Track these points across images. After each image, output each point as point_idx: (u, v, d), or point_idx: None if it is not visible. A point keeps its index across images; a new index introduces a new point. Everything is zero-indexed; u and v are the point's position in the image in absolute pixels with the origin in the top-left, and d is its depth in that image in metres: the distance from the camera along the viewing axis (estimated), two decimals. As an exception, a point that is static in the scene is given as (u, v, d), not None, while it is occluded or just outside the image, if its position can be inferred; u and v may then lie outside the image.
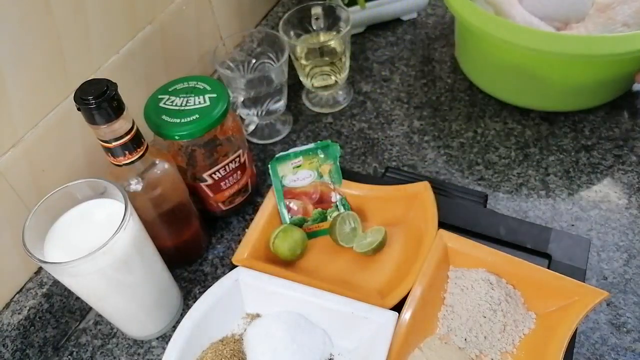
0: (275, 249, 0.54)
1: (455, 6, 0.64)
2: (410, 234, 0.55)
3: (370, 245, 0.53)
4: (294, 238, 0.54)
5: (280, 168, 0.58)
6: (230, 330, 0.51)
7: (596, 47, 0.57)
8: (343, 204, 0.57)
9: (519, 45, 0.59)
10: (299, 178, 0.58)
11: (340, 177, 0.58)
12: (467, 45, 0.72)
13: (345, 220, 0.55)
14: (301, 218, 0.57)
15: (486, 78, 0.71)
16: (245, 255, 0.53)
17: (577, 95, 0.65)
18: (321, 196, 0.58)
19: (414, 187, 0.56)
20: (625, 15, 0.60)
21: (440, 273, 0.51)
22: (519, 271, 0.50)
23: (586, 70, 0.62)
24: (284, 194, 0.57)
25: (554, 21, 0.64)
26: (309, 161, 0.58)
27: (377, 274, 0.54)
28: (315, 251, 0.57)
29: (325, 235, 0.57)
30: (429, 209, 0.53)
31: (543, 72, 0.63)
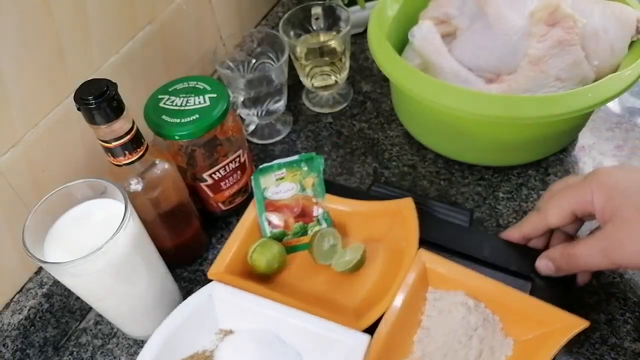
0: (252, 263, 0.53)
1: (379, 59, 0.61)
2: (390, 251, 0.53)
3: (349, 264, 0.52)
4: (272, 252, 0.53)
5: (263, 179, 0.57)
6: (202, 346, 0.49)
7: (512, 109, 0.53)
8: (325, 219, 0.56)
9: (435, 102, 0.56)
10: (281, 190, 0.57)
11: (323, 190, 0.57)
12: (397, 93, 0.69)
13: (325, 237, 0.54)
14: (281, 231, 0.56)
15: (419, 130, 0.68)
16: (222, 269, 0.51)
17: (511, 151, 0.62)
18: (303, 210, 0.56)
19: (397, 203, 0.54)
20: (558, 69, 0.57)
21: (418, 294, 0.49)
22: (498, 295, 0.48)
23: (511, 129, 0.59)
24: (265, 206, 0.56)
25: (485, 72, 0.61)
26: (293, 173, 0.57)
27: (354, 293, 0.52)
28: (294, 266, 0.55)
29: (305, 250, 0.56)
30: (411, 226, 0.52)
31: (469, 128, 0.60)
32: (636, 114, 0.69)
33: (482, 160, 0.65)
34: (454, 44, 0.63)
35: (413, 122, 0.68)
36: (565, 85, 0.58)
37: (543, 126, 0.58)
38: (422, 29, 0.62)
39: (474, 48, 0.61)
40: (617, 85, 0.54)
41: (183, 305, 0.49)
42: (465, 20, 0.64)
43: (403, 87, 0.58)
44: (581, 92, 0.54)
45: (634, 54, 0.59)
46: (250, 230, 0.55)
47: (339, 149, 0.70)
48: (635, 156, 0.64)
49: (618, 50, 0.59)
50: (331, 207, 0.56)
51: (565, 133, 0.63)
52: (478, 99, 0.55)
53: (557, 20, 0.57)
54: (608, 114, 0.69)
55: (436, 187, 0.64)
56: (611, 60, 0.59)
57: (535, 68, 0.58)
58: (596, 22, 0.59)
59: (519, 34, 0.59)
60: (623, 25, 0.59)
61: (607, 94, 0.53)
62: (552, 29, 0.57)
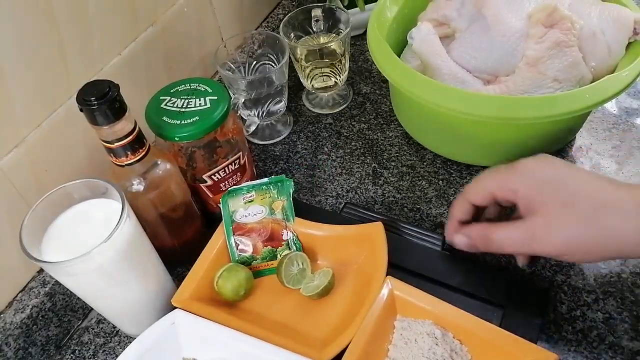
0: (218, 289, 0.52)
1: (379, 61, 0.61)
2: (360, 277, 0.52)
3: (316, 288, 0.51)
4: (237, 278, 0.52)
5: (231, 202, 0.56)
6: None
7: (508, 110, 0.54)
8: (295, 243, 0.55)
9: (434, 103, 0.56)
10: (250, 213, 0.55)
11: (292, 214, 0.55)
12: (396, 94, 0.70)
13: (293, 261, 0.53)
14: (250, 256, 0.55)
15: (418, 130, 0.68)
16: (186, 296, 0.50)
17: (509, 152, 0.61)
18: (272, 233, 0.55)
19: (367, 227, 0.53)
20: (555, 70, 0.57)
21: (385, 322, 0.48)
22: (468, 325, 0.47)
23: (509, 130, 0.59)
24: (233, 229, 0.55)
25: (483, 73, 0.62)
26: (262, 196, 0.56)
27: (322, 319, 0.51)
28: (261, 291, 0.54)
29: (273, 274, 0.54)
30: (380, 251, 0.51)
31: (467, 129, 0.60)
32: (633, 115, 0.69)
33: (480, 161, 0.65)
34: (452, 45, 0.64)
35: (412, 123, 0.69)
36: (562, 86, 0.58)
37: (541, 127, 0.58)
38: (421, 31, 0.63)
39: (472, 50, 0.62)
40: (614, 86, 0.54)
41: (145, 333, 0.47)
42: (464, 22, 0.65)
43: (402, 89, 0.58)
44: (579, 93, 0.54)
45: (631, 55, 0.59)
46: (218, 255, 0.54)
47: (338, 150, 0.71)
48: (632, 156, 0.64)
49: (615, 52, 0.60)
50: (301, 230, 0.55)
51: (562, 134, 0.63)
52: (476, 100, 0.55)
53: (554, 21, 0.58)
54: (605, 114, 0.70)
55: (434, 187, 0.64)
56: (608, 61, 0.60)
57: (532, 69, 0.58)
58: (593, 24, 0.59)
59: (517, 35, 0.59)
60: (620, 27, 0.59)
61: (605, 95, 0.54)
62: (549, 31, 0.58)
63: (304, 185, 0.67)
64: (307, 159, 0.70)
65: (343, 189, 0.66)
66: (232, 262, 0.55)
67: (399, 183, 0.66)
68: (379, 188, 0.65)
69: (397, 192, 0.65)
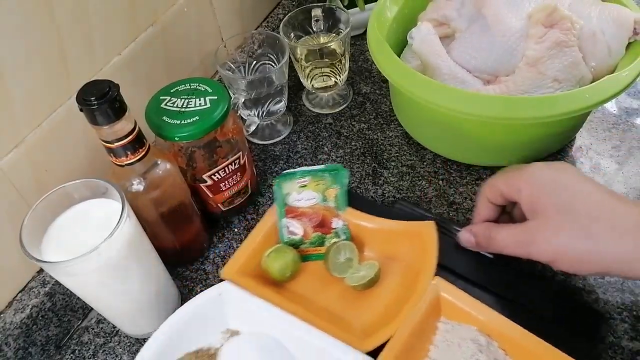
0: (265, 268, 0.53)
1: (379, 60, 0.61)
2: (405, 274, 0.53)
3: (362, 279, 0.52)
4: (285, 259, 0.53)
5: (285, 185, 0.57)
6: (208, 342, 0.50)
7: (508, 109, 0.54)
8: (344, 232, 0.56)
9: (434, 103, 0.56)
10: (303, 198, 0.57)
11: (345, 203, 0.56)
12: (396, 94, 0.70)
13: (341, 250, 0.54)
14: (299, 239, 0.56)
15: (418, 130, 0.68)
16: (235, 270, 0.52)
17: (509, 152, 0.62)
18: (322, 220, 0.56)
19: (418, 225, 0.53)
20: (555, 70, 0.57)
21: (428, 322, 0.48)
22: (513, 336, 0.46)
23: (509, 130, 0.59)
24: (285, 211, 0.56)
25: (483, 73, 0.62)
26: (316, 182, 0.57)
27: (365, 311, 0.51)
28: (307, 275, 0.55)
29: (320, 260, 0.56)
30: (429, 251, 0.51)
31: (467, 129, 0.60)
32: (633, 115, 0.69)
33: (480, 161, 0.65)
34: (452, 45, 0.64)
35: (412, 123, 0.69)
36: (562, 86, 0.58)
37: (541, 127, 0.58)
38: (421, 31, 0.63)
39: (472, 49, 0.62)
40: (614, 86, 0.54)
41: (192, 300, 0.49)
42: (464, 22, 0.65)
43: (402, 88, 0.58)
44: (578, 93, 0.54)
45: (631, 55, 0.59)
46: (268, 234, 0.56)
47: (338, 150, 0.71)
48: (632, 156, 0.65)
49: (615, 52, 0.60)
50: (352, 220, 0.56)
51: (562, 133, 0.63)
52: (476, 100, 0.55)
53: (554, 21, 0.58)
54: (605, 114, 0.70)
55: (434, 187, 0.64)
56: (608, 61, 0.60)
57: (532, 69, 0.58)
58: (593, 24, 0.60)
59: (517, 35, 0.59)
60: (620, 27, 0.59)
61: (605, 95, 0.54)
62: (549, 31, 0.58)
63: (304, 185, 0.67)
64: (307, 159, 0.70)
65: (343, 189, 0.66)
66: (280, 243, 0.56)
67: (399, 183, 0.66)
68: (379, 188, 0.65)
69: (397, 192, 0.65)
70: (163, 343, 0.47)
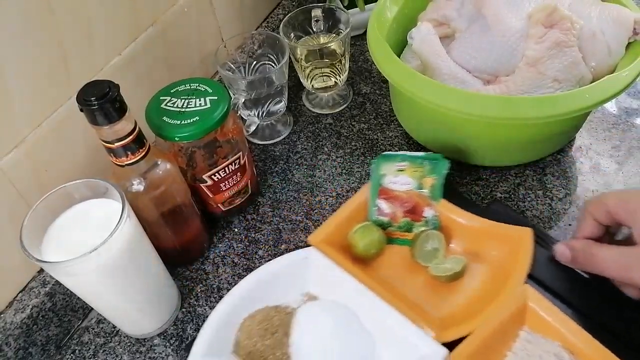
0: (351, 242, 0.54)
1: (379, 61, 0.61)
2: (493, 275, 0.52)
3: (446, 271, 0.51)
4: (372, 237, 0.54)
5: (384, 166, 0.57)
6: (287, 301, 0.52)
7: (508, 110, 0.54)
8: (434, 222, 0.55)
9: (434, 103, 0.56)
10: (398, 182, 0.56)
11: (440, 194, 0.55)
12: (396, 94, 0.70)
13: (429, 238, 0.54)
14: (387, 221, 0.56)
15: (418, 130, 0.68)
16: (321, 238, 0.53)
17: (509, 152, 0.63)
18: (414, 207, 0.56)
19: (514, 229, 0.52)
20: (555, 70, 0.57)
21: (510, 328, 0.47)
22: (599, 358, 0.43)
23: (509, 130, 0.59)
24: (379, 192, 0.56)
25: (483, 73, 0.62)
26: (414, 169, 0.56)
27: (444, 303, 0.51)
28: (390, 257, 0.56)
29: (404, 246, 0.56)
30: (523, 257, 0.49)
31: (467, 129, 0.60)
32: (633, 115, 0.69)
33: (480, 161, 0.65)
34: (452, 45, 0.64)
35: (412, 123, 0.69)
36: (562, 86, 0.58)
37: (540, 127, 0.58)
38: (421, 31, 0.62)
39: (472, 50, 0.62)
40: (614, 86, 0.54)
41: (280, 259, 0.52)
42: (464, 22, 0.65)
43: (402, 89, 0.58)
44: (578, 93, 0.54)
45: (631, 55, 0.59)
46: (357, 210, 0.56)
47: (338, 150, 0.71)
48: (632, 156, 0.65)
49: (615, 52, 0.60)
50: (444, 212, 0.55)
51: (562, 133, 0.63)
52: (476, 100, 0.55)
53: (554, 21, 0.58)
54: (605, 114, 0.70)
55: (435, 188, 0.64)
56: (608, 61, 0.60)
57: (532, 69, 0.58)
58: (593, 24, 0.59)
59: (517, 35, 0.59)
60: (620, 27, 0.59)
61: (604, 95, 0.54)
62: (549, 31, 0.58)
63: (304, 185, 0.67)
64: (307, 159, 0.70)
65: (343, 188, 0.66)
66: (369, 221, 0.56)
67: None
68: (379, 188, 0.65)
69: (397, 192, 0.65)
70: (249, 290, 0.50)
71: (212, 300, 0.58)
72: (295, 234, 0.62)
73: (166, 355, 0.54)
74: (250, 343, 0.48)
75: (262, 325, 0.49)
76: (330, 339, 0.48)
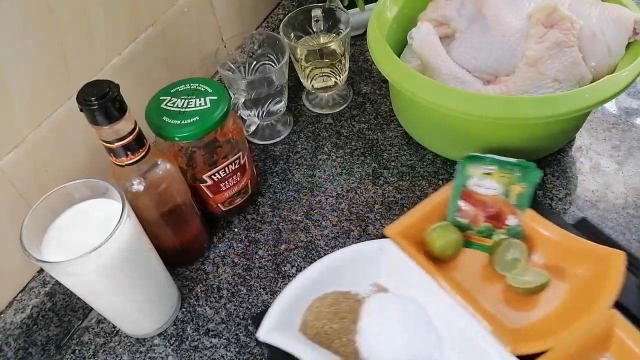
0: (427, 240, 0.54)
1: (379, 61, 0.61)
2: (576, 294, 0.50)
3: (527, 284, 0.50)
4: (450, 238, 0.53)
5: (470, 167, 0.56)
6: (357, 289, 0.52)
7: (508, 110, 0.54)
8: (517, 231, 0.54)
9: (434, 103, 0.56)
10: (483, 185, 0.55)
11: (528, 204, 0.54)
12: (396, 94, 0.70)
13: (511, 247, 0.52)
14: (467, 224, 0.55)
15: (418, 130, 0.68)
16: (397, 231, 0.53)
17: (509, 152, 0.60)
18: (498, 213, 0.55)
19: (605, 250, 0.50)
20: (555, 70, 0.57)
21: (592, 353, 0.45)
22: None
23: (509, 130, 0.59)
24: (462, 193, 0.55)
25: (483, 73, 0.62)
26: (502, 174, 0.55)
27: (519, 315, 0.50)
28: (465, 261, 0.55)
29: (481, 252, 0.55)
30: (613, 282, 0.47)
31: (467, 129, 0.60)
32: (633, 115, 0.69)
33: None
34: (452, 45, 0.64)
35: (412, 123, 0.69)
36: (562, 86, 0.58)
37: (540, 127, 0.58)
38: (421, 31, 0.63)
39: (472, 50, 0.62)
40: (614, 86, 0.54)
41: (354, 246, 0.53)
42: (464, 22, 0.65)
43: (402, 89, 0.58)
44: (578, 93, 0.54)
45: (631, 55, 0.59)
46: (436, 208, 0.56)
47: (338, 150, 0.71)
48: (632, 157, 0.65)
49: (615, 52, 0.60)
50: (530, 223, 0.54)
51: (562, 133, 0.63)
52: (476, 100, 0.55)
53: (554, 21, 0.58)
54: (605, 114, 0.70)
55: (434, 187, 0.64)
56: (608, 61, 0.60)
57: (532, 69, 0.58)
58: (593, 24, 0.60)
59: (517, 35, 0.59)
60: (620, 27, 0.59)
61: (604, 95, 0.54)
62: (549, 31, 0.58)
63: (304, 185, 0.67)
64: (307, 159, 0.70)
65: (343, 189, 0.66)
66: (447, 221, 0.55)
67: (399, 183, 0.66)
68: (379, 188, 0.65)
69: (397, 192, 0.65)
70: (321, 273, 0.51)
71: (212, 300, 0.58)
72: (295, 234, 0.62)
73: (166, 355, 0.54)
74: (318, 324, 0.49)
75: (332, 309, 0.50)
76: (399, 332, 0.48)
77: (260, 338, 0.47)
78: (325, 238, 0.61)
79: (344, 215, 0.63)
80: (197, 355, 0.53)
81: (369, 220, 0.62)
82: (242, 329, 0.55)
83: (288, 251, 0.61)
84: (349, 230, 0.62)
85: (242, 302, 0.57)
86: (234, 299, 0.57)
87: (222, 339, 0.54)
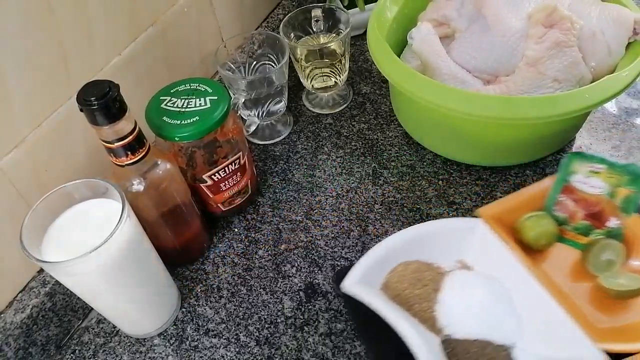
0: (520, 228, 0.53)
1: (379, 61, 0.61)
2: None
3: (620, 286, 0.49)
4: (545, 229, 0.53)
5: (576, 164, 0.54)
6: (441, 262, 0.53)
7: (508, 110, 0.54)
8: (617, 234, 0.52)
9: (434, 103, 0.56)
10: (587, 183, 0.54)
11: (634, 208, 0.52)
12: (396, 94, 0.70)
13: (608, 248, 0.51)
14: (564, 218, 0.54)
15: (418, 130, 0.68)
16: (491, 213, 0.53)
17: (509, 152, 0.63)
18: (599, 213, 0.53)
19: None
20: (555, 70, 0.57)
21: None
22: None
23: (509, 130, 0.59)
24: (563, 189, 0.54)
25: (483, 73, 0.62)
26: (610, 175, 0.53)
27: (607, 315, 0.49)
28: (555, 254, 0.54)
29: (573, 248, 0.54)
30: None
31: (467, 129, 0.60)
32: (633, 115, 0.69)
33: (480, 161, 0.65)
34: (452, 45, 0.64)
35: (412, 123, 0.69)
36: (562, 86, 0.58)
37: (540, 127, 0.58)
38: (421, 31, 0.63)
39: (472, 50, 0.62)
40: (614, 86, 0.54)
41: (445, 220, 0.54)
42: (464, 22, 0.65)
43: (402, 89, 0.58)
44: (578, 93, 0.54)
45: (631, 55, 0.59)
46: (534, 197, 0.55)
47: (338, 150, 0.71)
48: (632, 156, 0.65)
49: (615, 52, 0.60)
50: (632, 228, 0.53)
51: (562, 133, 0.63)
52: (476, 100, 0.55)
53: (554, 21, 0.58)
54: (605, 114, 0.70)
55: (434, 187, 0.64)
56: (608, 61, 0.60)
57: (532, 69, 0.58)
58: (593, 24, 0.60)
59: (517, 35, 0.59)
60: (620, 27, 0.59)
61: (604, 95, 0.54)
62: (549, 31, 0.58)
63: (304, 185, 0.67)
64: (307, 159, 0.70)
65: (343, 189, 0.66)
66: (544, 211, 0.55)
67: (399, 183, 0.66)
68: (379, 188, 0.65)
69: (397, 192, 0.65)
70: (410, 240, 0.52)
71: (212, 300, 0.58)
72: (295, 234, 0.62)
73: (166, 355, 0.54)
74: (400, 287, 0.50)
75: (415, 275, 0.51)
76: (480, 309, 0.48)
77: (344, 289, 0.49)
78: (325, 238, 0.61)
79: (344, 215, 0.63)
80: (197, 355, 0.53)
81: (369, 220, 0.62)
82: (242, 329, 0.55)
83: (288, 251, 0.61)
84: (349, 230, 0.62)
85: (242, 302, 0.57)
86: (234, 299, 0.57)
87: (222, 339, 0.55)
